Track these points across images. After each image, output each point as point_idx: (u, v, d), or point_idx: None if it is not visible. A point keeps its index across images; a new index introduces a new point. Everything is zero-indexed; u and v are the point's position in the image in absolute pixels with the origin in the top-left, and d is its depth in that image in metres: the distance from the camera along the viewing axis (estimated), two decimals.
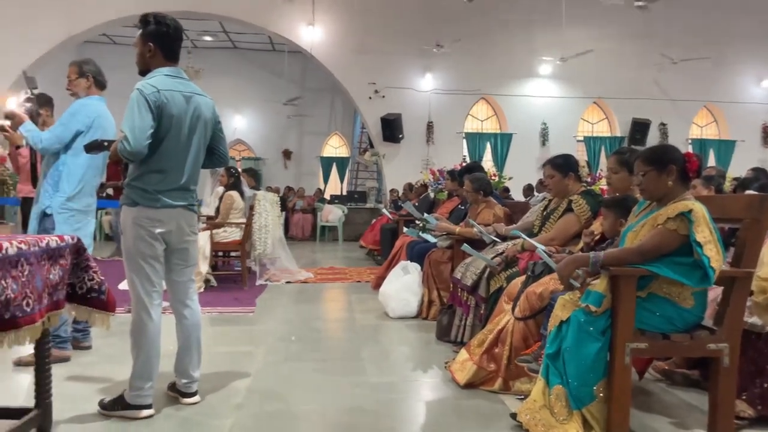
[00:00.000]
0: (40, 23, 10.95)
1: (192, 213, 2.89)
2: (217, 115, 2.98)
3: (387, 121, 12.25)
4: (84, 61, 3.71)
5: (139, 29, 2.81)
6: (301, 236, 13.61)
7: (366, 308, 5.42)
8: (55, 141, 3.47)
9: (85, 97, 3.63)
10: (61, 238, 2.50)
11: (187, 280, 2.92)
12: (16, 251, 2.12)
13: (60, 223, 3.44)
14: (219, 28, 14.92)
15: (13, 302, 2.08)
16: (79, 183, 3.52)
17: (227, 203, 6.61)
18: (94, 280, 2.63)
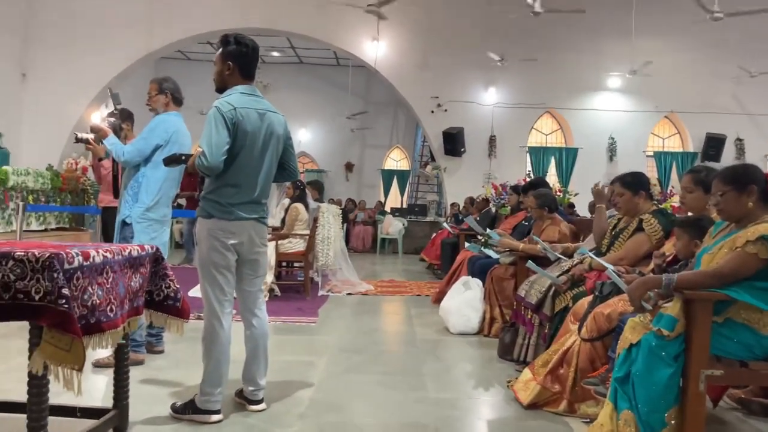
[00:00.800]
0: (120, 41, 11.57)
1: (263, 225, 2.98)
2: (289, 131, 3.08)
3: (449, 134, 12.24)
4: (163, 79, 3.90)
5: (219, 48, 2.94)
6: (361, 248, 13.74)
7: (426, 322, 5.41)
8: (136, 154, 3.67)
9: (163, 112, 3.81)
10: (142, 247, 2.64)
11: (256, 290, 3.02)
12: (102, 259, 2.26)
13: (138, 232, 3.62)
14: (287, 44, 15.36)
15: (99, 308, 2.20)
16: (157, 194, 3.70)
17: (292, 215, 6.77)
18: (171, 288, 2.76)
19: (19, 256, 1.96)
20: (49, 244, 2.48)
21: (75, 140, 3.97)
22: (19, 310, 1.97)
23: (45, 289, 1.94)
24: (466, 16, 12.05)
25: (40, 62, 11.60)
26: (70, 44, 11.49)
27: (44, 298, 1.95)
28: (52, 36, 11.59)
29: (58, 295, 1.93)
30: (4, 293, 1.96)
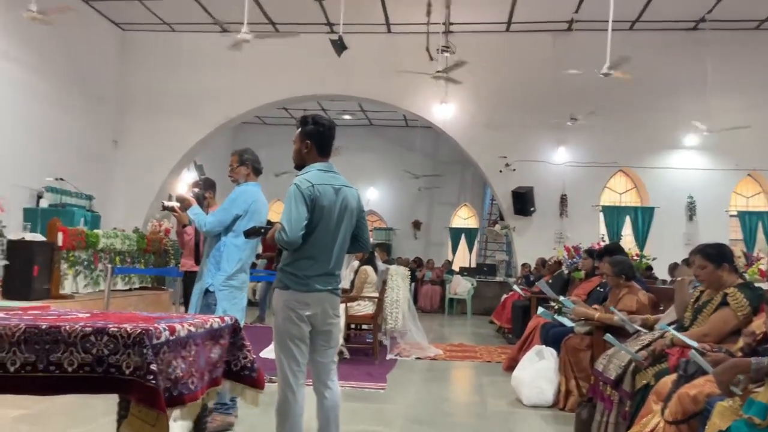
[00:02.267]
0: (203, 110, 12.34)
1: (336, 297, 3.05)
2: (362, 204, 3.17)
3: (518, 194, 12.15)
4: (244, 151, 4.09)
5: (299, 128, 3.11)
6: (429, 308, 13.62)
7: (498, 392, 5.27)
8: (217, 225, 3.86)
9: (244, 183, 3.99)
10: (222, 319, 2.74)
11: (329, 361, 3.06)
12: (187, 333, 2.36)
13: (221, 299, 3.78)
14: (357, 108, 15.91)
15: (181, 380, 2.29)
16: (238, 262, 3.86)
17: (362, 278, 6.85)
18: (248, 359, 2.84)
19: (113, 332, 2.09)
20: (139, 316, 2.63)
21: (162, 208, 4.24)
22: (110, 384, 2.08)
23: (135, 364, 2.05)
24: (534, 76, 12.13)
25: (130, 130, 12.51)
26: (157, 114, 12.35)
27: (134, 373, 2.05)
28: (141, 106, 12.52)
29: (147, 370, 2.03)
30: (98, 367, 2.08)
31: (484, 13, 11.54)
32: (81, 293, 6.81)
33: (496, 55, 12.18)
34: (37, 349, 2.08)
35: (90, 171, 11.29)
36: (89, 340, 2.08)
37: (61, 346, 2.08)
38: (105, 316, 2.50)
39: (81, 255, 6.89)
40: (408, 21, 11.67)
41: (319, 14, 11.49)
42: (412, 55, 11.63)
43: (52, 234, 6.57)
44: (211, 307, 3.74)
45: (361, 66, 11.79)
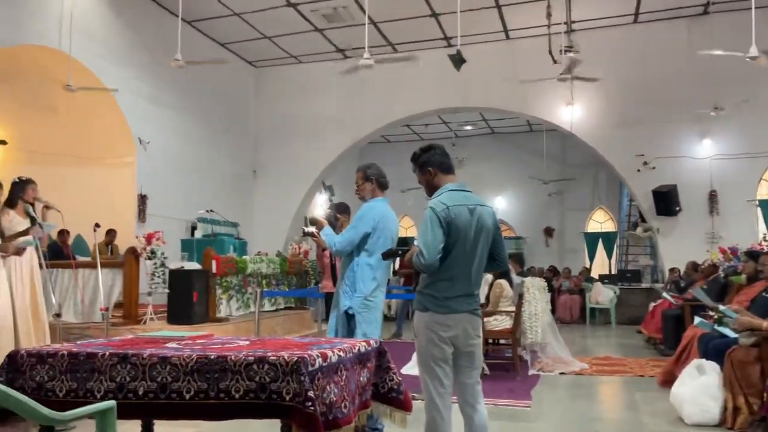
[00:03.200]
0: (331, 134, 12.89)
1: (476, 317, 3.03)
2: (497, 222, 3.13)
3: (660, 193, 11.34)
4: (367, 166, 4.03)
5: (415, 165, 3.15)
6: (569, 319, 13.06)
7: (654, 410, 4.91)
8: (346, 244, 3.82)
9: (370, 199, 3.92)
10: (368, 342, 2.83)
11: (474, 382, 3.03)
12: (337, 358, 2.47)
13: (360, 322, 3.76)
14: (479, 118, 15.78)
15: (335, 405, 2.39)
16: (373, 281, 3.82)
17: (497, 292, 6.73)
18: (394, 381, 2.90)
19: (273, 360, 2.23)
20: (292, 342, 2.78)
21: (302, 234, 4.34)
22: (273, 409, 2.22)
23: (294, 391, 2.18)
24: (668, 67, 11.32)
25: (266, 160, 13.37)
26: (289, 142, 13.09)
27: (293, 399, 2.17)
28: (274, 136, 13.35)
29: (305, 397, 2.15)
30: (261, 393, 2.23)
31: (607, 7, 10.99)
32: (234, 316, 7.34)
33: (623, 50, 11.53)
34: (208, 377, 2.27)
35: (234, 200, 12.22)
36: (252, 368, 2.24)
37: (228, 375, 2.25)
38: (263, 344, 2.68)
39: (232, 280, 7.44)
40: (526, 25, 11.42)
41: (436, 30, 11.59)
42: (533, 58, 11.35)
43: (207, 262, 7.16)
44: (353, 331, 3.74)
45: (480, 76, 11.69)
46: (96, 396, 2.34)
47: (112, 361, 2.36)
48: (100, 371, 2.36)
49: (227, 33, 11.80)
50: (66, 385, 2.38)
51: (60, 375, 2.40)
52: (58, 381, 2.40)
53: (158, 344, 2.65)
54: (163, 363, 2.31)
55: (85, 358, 2.39)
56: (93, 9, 9.32)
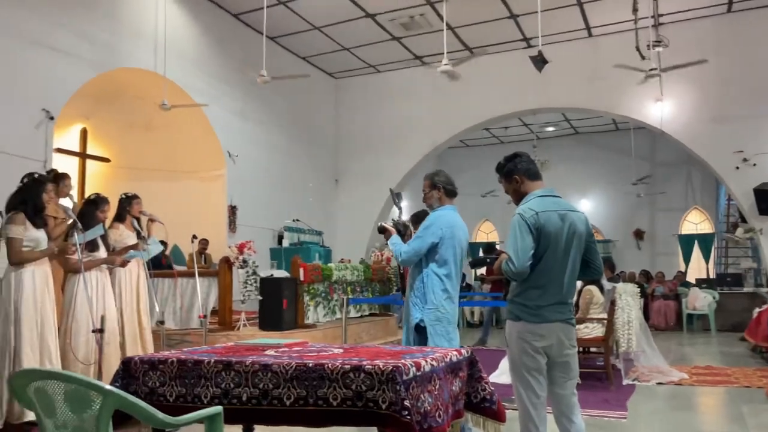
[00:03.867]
0: (409, 142, 12.94)
1: (570, 327, 2.95)
2: (590, 228, 3.05)
3: (762, 191, 10.59)
4: (435, 174, 3.88)
5: (500, 176, 3.11)
6: (664, 325, 12.41)
7: (762, 423, 4.61)
8: (413, 254, 3.67)
9: (438, 207, 3.78)
10: (459, 352, 2.82)
11: (569, 393, 2.96)
12: (430, 368, 2.48)
13: (433, 335, 3.57)
14: (561, 118, 15.38)
15: (429, 414, 2.40)
16: (443, 293, 3.63)
17: (586, 298, 6.52)
18: (486, 390, 2.87)
19: (368, 369, 2.27)
20: (384, 350, 2.82)
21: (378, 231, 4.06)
22: (370, 417, 2.26)
23: (390, 399, 2.21)
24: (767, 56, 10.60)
25: (347, 168, 13.61)
26: (368, 150, 13.26)
27: (389, 408, 2.20)
28: (354, 145, 13.58)
29: (401, 406, 2.17)
30: (357, 401, 2.27)
31: None
32: (321, 322, 7.51)
33: (717, 41, 10.89)
34: (306, 384, 2.34)
35: (317, 210, 12.52)
36: (349, 376, 2.29)
37: (325, 382, 2.32)
38: (356, 352, 2.73)
39: (319, 287, 7.62)
40: (610, 21, 11.03)
41: (515, 31, 11.41)
42: (617, 55, 10.90)
43: (295, 270, 7.37)
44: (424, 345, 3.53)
45: (561, 75, 11.37)
46: (203, 401, 2.46)
47: (217, 368, 2.48)
48: (206, 377, 2.49)
49: (308, 47, 12.14)
50: (176, 391, 2.53)
51: (170, 381, 2.55)
52: (168, 386, 2.55)
53: (258, 351, 2.76)
54: (265, 370, 2.40)
55: (192, 365, 2.53)
56: (184, 31, 9.86)
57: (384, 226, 3.94)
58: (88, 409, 1.97)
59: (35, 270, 3.91)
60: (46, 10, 7.57)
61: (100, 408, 1.95)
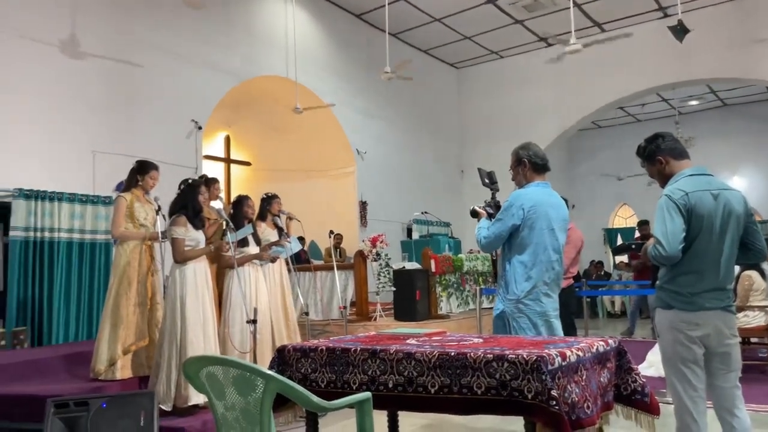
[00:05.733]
0: (535, 127, 12.51)
1: (730, 314, 2.73)
2: (749, 207, 2.80)
3: None
4: (521, 147, 3.51)
5: (642, 158, 2.93)
6: None
7: None
8: (492, 239, 3.36)
9: (524, 185, 3.43)
10: (606, 342, 2.72)
11: (731, 387, 2.75)
12: (576, 358, 2.41)
13: (516, 328, 3.29)
14: (705, 90, 14.13)
15: (577, 405, 2.34)
16: (528, 281, 3.29)
17: (745, 285, 5.96)
18: (637, 382, 2.74)
19: (512, 359, 2.26)
20: (525, 340, 2.79)
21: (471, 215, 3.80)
22: (515, 406, 2.25)
23: (536, 389, 2.18)
24: None
25: (471, 158, 13.47)
26: (493, 139, 13.02)
27: (536, 398, 2.18)
28: (478, 134, 13.43)
29: (549, 396, 2.14)
30: (502, 390, 2.27)
31: None
32: (455, 312, 7.55)
33: None
34: (450, 373, 2.38)
35: (444, 201, 12.55)
36: (492, 365, 2.29)
37: (469, 371, 2.34)
38: (497, 341, 2.72)
39: (450, 278, 7.66)
40: None
41: (648, 1, 10.66)
42: None
43: (426, 261, 7.46)
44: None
45: (703, 44, 10.45)
46: (352, 387, 2.59)
47: (363, 356, 2.59)
48: (354, 365, 2.61)
49: (429, 39, 12.17)
50: (326, 377, 2.68)
51: (320, 368, 2.70)
52: (319, 373, 2.70)
53: (400, 341, 2.84)
54: (408, 358, 2.47)
55: (340, 353, 2.66)
56: (311, 36, 10.30)
57: (475, 210, 3.64)
58: (253, 392, 2.15)
59: (196, 267, 4.31)
60: (192, 30, 8.27)
61: (263, 392, 2.12)
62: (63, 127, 6.67)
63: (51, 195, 6.32)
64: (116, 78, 7.28)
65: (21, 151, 6.27)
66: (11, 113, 6.23)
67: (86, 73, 6.95)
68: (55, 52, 6.68)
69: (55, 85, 6.65)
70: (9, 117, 6.21)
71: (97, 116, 7.01)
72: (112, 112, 7.19)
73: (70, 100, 6.78)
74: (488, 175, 3.70)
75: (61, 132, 6.66)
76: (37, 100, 6.47)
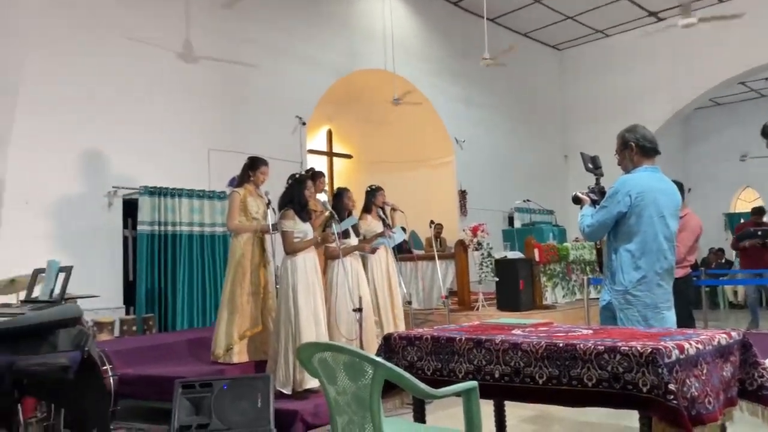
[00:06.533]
0: (644, 107, 11.83)
1: None
2: None
3: None
4: (627, 130, 3.33)
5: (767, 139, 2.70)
6: None
7: None
8: (597, 226, 3.21)
9: (631, 170, 3.25)
10: (729, 334, 2.55)
11: None
12: (695, 351, 2.29)
13: (623, 320, 3.14)
14: None
15: (697, 400, 2.22)
16: (637, 271, 3.12)
17: None
18: (765, 377, 2.56)
19: (624, 351, 2.18)
20: (640, 332, 2.68)
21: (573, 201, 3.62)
22: (628, 400, 2.17)
23: (651, 383, 2.10)
24: None
25: (576, 143, 12.92)
26: (598, 121, 12.44)
27: (651, 391, 2.09)
28: (582, 117, 12.92)
29: (666, 390, 2.05)
30: (614, 383, 2.20)
31: None
32: (560, 303, 7.35)
33: None
34: (559, 364, 2.33)
35: (547, 188, 12.19)
36: (603, 357, 2.23)
37: (578, 363, 2.28)
38: (608, 333, 2.64)
39: (556, 268, 7.46)
40: None
41: None
42: None
43: (529, 250, 7.32)
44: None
45: None
46: (458, 376, 2.61)
47: (468, 345, 2.60)
48: (459, 354, 2.62)
49: (528, 22, 11.85)
50: (432, 365, 2.72)
51: (426, 356, 2.75)
52: (425, 361, 2.74)
53: (505, 331, 2.82)
54: (515, 349, 2.45)
55: (445, 342, 2.68)
56: (408, 27, 10.35)
57: (578, 196, 3.46)
58: (362, 378, 2.23)
59: (305, 257, 4.50)
60: (295, 29, 8.58)
61: (372, 378, 2.19)
62: (181, 128, 7.17)
63: (172, 191, 6.83)
64: (227, 79, 7.71)
65: (145, 151, 6.81)
66: (136, 118, 6.78)
67: (200, 76, 7.41)
68: (172, 58, 7.18)
69: (172, 89, 7.16)
70: (134, 122, 6.76)
71: (210, 116, 7.47)
72: (224, 111, 7.63)
73: (186, 102, 7.27)
74: (592, 160, 3.56)
75: (179, 132, 7.16)
76: (158, 104, 7.00)
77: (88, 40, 6.44)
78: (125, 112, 6.68)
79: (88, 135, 6.40)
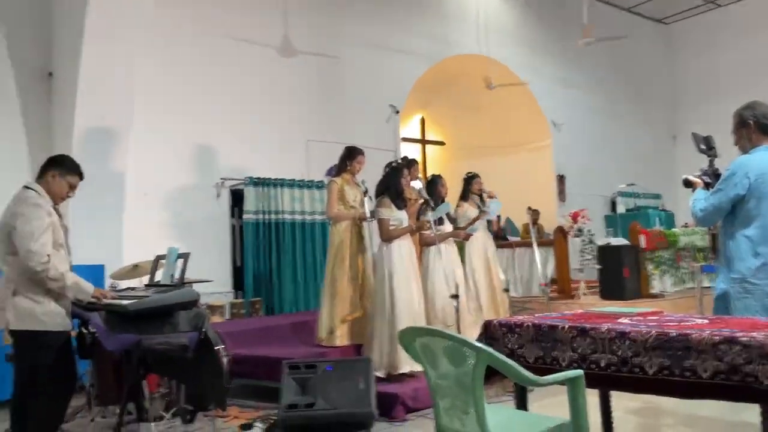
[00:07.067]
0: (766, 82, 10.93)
1: None
2: None
3: None
4: (744, 107, 3.13)
5: None
6: None
7: None
8: (711, 211, 3.07)
9: (750, 150, 3.06)
10: None
11: None
12: None
13: (740, 309, 2.97)
14: None
15: None
16: (756, 258, 2.96)
17: None
18: None
19: (744, 341, 2.06)
20: (761, 322, 2.51)
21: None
22: (748, 393, 2.06)
23: None
24: None
25: (686, 123, 12.13)
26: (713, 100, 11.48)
27: None
28: (695, 96, 12.12)
29: None
30: (733, 375, 2.08)
31: None
32: (669, 292, 6.99)
33: None
34: (670, 354, 2.24)
35: (653, 171, 11.56)
36: (719, 348, 2.11)
37: (692, 353, 2.18)
38: (725, 323, 2.50)
39: (664, 255, 7.08)
40: None
41: None
42: None
43: (634, 237, 6.99)
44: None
45: None
46: (561, 364, 2.56)
47: (572, 333, 2.55)
48: (563, 342, 2.58)
49: None
50: (534, 353, 2.69)
51: (527, 343, 2.72)
52: (526, 348, 2.72)
53: (611, 319, 2.73)
54: (622, 338, 2.38)
55: (547, 330, 2.64)
56: (501, 9, 10.13)
57: (689, 179, 3.32)
58: (464, 363, 2.25)
59: (401, 244, 4.58)
60: (388, 18, 8.66)
61: (474, 363, 2.21)
62: (281, 121, 7.46)
63: (274, 182, 7.14)
64: (324, 72, 7.91)
65: (250, 143, 7.16)
66: (241, 113, 7.13)
67: (297, 69, 7.66)
68: (272, 53, 7.45)
69: (272, 83, 7.45)
70: (239, 116, 7.11)
71: (308, 108, 7.71)
72: (322, 103, 7.85)
73: (285, 96, 7.54)
74: (704, 140, 3.40)
75: (280, 125, 7.45)
76: (260, 99, 7.31)
77: (194, 41, 6.84)
78: (231, 108, 7.04)
79: (198, 131, 6.81)
